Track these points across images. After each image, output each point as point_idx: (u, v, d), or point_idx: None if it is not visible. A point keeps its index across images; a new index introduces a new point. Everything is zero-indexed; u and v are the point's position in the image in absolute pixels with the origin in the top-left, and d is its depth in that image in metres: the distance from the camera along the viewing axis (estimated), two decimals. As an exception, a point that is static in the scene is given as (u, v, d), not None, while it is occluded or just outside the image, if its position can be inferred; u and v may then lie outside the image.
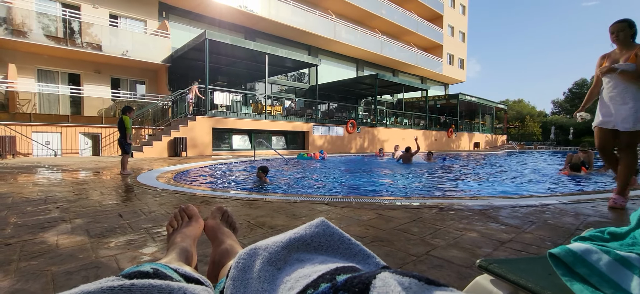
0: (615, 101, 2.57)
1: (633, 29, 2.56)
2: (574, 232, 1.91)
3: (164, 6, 13.69)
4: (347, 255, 0.45)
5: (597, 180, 5.54)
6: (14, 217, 2.23)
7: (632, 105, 2.49)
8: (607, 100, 2.63)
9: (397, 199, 3.06)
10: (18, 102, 10.24)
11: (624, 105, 2.51)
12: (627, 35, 2.56)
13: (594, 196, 3.18)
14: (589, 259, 0.62)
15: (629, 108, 2.49)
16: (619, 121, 2.54)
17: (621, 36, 2.56)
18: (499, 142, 26.95)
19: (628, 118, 2.49)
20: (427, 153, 9.91)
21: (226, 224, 0.99)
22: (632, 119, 2.47)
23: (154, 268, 0.47)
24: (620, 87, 2.54)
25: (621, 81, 2.52)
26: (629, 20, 2.57)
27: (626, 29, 2.56)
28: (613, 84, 2.58)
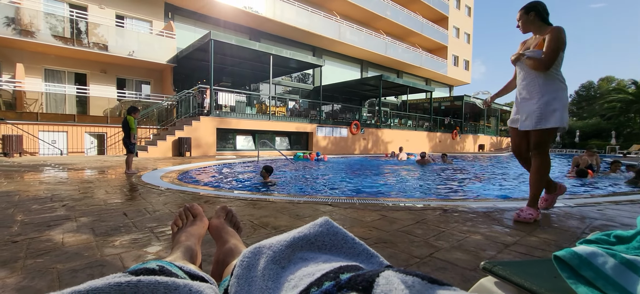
0: (522, 95, 2.28)
1: (531, 14, 2.24)
2: (580, 235, 1.89)
3: (169, 7, 13.80)
4: (350, 254, 0.45)
5: (605, 183, 5.48)
6: (20, 215, 2.25)
7: (536, 100, 2.19)
8: (517, 94, 2.34)
9: (400, 200, 3.05)
10: (25, 101, 10.38)
11: (529, 100, 2.23)
12: (527, 21, 2.26)
13: (600, 199, 3.14)
14: (594, 262, 0.61)
15: (533, 104, 2.20)
16: (523, 118, 2.25)
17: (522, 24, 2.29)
18: (504, 144, 26.76)
19: (531, 115, 2.19)
20: (441, 155, 10.04)
21: (230, 223, 1.00)
22: (535, 116, 2.17)
23: (160, 265, 0.47)
24: (528, 79, 2.25)
25: (529, 72, 2.23)
26: (527, 5, 2.26)
27: (523, 16, 2.27)
28: (522, 75, 2.29)
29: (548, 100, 2.15)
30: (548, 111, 2.14)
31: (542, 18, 2.24)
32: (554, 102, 2.14)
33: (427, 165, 8.91)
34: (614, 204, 2.87)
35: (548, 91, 2.16)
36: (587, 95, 45.48)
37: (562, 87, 2.17)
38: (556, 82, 2.17)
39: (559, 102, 2.15)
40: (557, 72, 2.18)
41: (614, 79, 42.67)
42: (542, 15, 2.23)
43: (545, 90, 2.17)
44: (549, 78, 2.17)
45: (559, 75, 2.19)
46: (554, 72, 2.17)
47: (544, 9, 2.24)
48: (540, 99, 2.17)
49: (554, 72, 2.17)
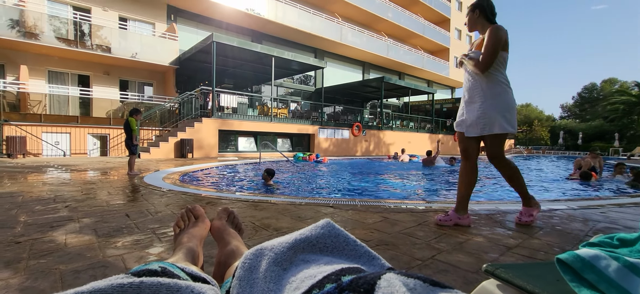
0: (466, 98, 2.17)
1: (476, 12, 2.14)
2: (583, 238, 1.88)
3: (172, 9, 13.87)
4: (352, 256, 0.45)
5: (608, 186, 5.44)
6: (24, 216, 2.27)
7: (479, 104, 2.08)
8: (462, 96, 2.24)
9: (402, 202, 3.04)
10: (29, 102, 10.45)
11: (473, 104, 2.12)
12: (472, 19, 2.16)
13: (603, 202, 3.12)
14: (597, 265, 0.61)
15: (476, 109, 2.09)
16: (467, 124, 2.14)
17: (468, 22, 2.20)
18: (506, 146, 26.64)
19: (476, 121, 2.09)
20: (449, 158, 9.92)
21: (232, 225, 1.00)
22: (480, 123, 2.07)
23: (162, 267, 0.48)
24: (471, 82, 2.14)
25: (472, 75, 2.13)
26: (474, 2, 2.16)
27: (469, 14, 2.18)
28: (466, 77, 2.19)
29: (490, 104, 2.05)
30: (491, 116, 2.04)
31: (486, 16, 2.13)
32: (496, 107, 2.03)
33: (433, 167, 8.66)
34: (618, 206, 2.85)
35: (490, 95, 2.06)
36: (589, 97, 45.30)
37: (504, 90, 2.06)
38: (498, 85, 2.05)
39: (501, 106, 2.03)
40: (499, 74, 2.07)
41: (617, 81, 42.48)
42: (486, 14, 2.13)
43: (487, 93, 2.06)
44: (490, 81, 2.06)
45: (501, 77, 2.07)
46: (496, 74, 2.06)
47: (490, 7, 2.14)
48: (483, 104, 2.07)
49: (496, 74, 2.06)
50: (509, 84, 2.09)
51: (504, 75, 2.09)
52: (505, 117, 2.04)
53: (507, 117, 2.04)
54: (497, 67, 2.06)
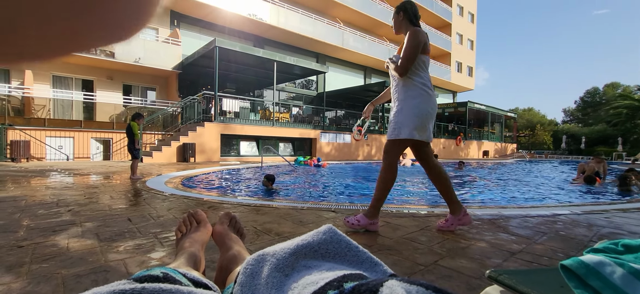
0: (391, 102, 2.17)
1: (400, 14, 2.12)
2: (587, 244, 1.86)
3: (175, 15, 14.01)
4: (354, 262, 0.45)
5: (612, 190, 5.40)
6: (26, 220, 2.28)
7: (396, 108, 2.07)
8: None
9: (404, 207, 3.03)
10: (33, 107, 10.54)
11: (393, 107, 2.11)
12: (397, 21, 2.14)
13: (607, 207, 3.10)
14: (602, 271, 0.60)
15: (393, 112, 2.09)
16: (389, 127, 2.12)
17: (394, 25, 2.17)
18: (509, 151, 26.56)
19: (391, 123, 2.07)
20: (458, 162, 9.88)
21: (234, 230, 1.00)
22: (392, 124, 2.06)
23: (164, 272, 0.48)
24: (394, 85, 2.13)
25: (394, 78, 2.12)
26: (398, 5, 2.14)
27: (394, 16, 2.16)
28: (391, 81, 2.18)
29: (403, 108, 2.04)
30: (401, 121, 2.02)
31: (410, 19, 2.11)
32: (408, 111, 2.01)
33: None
34: (622, 212, 2.82)
35: (406, 98, 2.04)
36: (592, 101, 45.14)
37: (420, 95, 2.01)
38: (414, 89, 2.03)
39: (412, 111, 2.00)
40: (417, 78, 2.04)
41: (620, 85, 42.34)
42: (409, 16, 2.10)
43: (404, 96, 2.05)
44: (407, 85, 2.05)
45: (418, 81, 2.03)
46: (414, 78, 2.04)
47: (413, 10, 2.12)
48: (398, 107, 2.06)
49: (414, 78, 2.04)
50: (427, 88, 2.05)
51: (423, 79, 2.05)
52: (414, 123, 2.00)
53: (416, 123, 2.00)
54: (415, 71, 2.04)
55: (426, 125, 2.03)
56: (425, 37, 2.03)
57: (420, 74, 2.04)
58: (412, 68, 2.03)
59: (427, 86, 2.05)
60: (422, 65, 2.05)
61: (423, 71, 2.05)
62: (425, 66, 2.06)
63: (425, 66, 2.07)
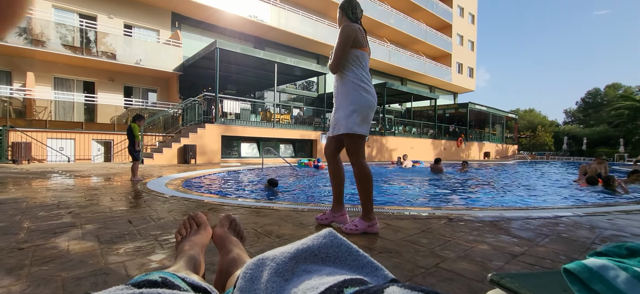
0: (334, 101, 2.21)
1: (340, 12, 2.16)
2: (590, 246, 1.85)
3: (176, 16, 14.05)
4: (354, 267, 0.45)
5: (615, 192, 5.37)
6: (27, 222, 2.27)
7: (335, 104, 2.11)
8: None
9: (405, 209, 3.02)
10: (35, 109, 10.57)
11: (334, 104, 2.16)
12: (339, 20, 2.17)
13: (610, 208, 3.08)
14: (606, 275, 0.60)
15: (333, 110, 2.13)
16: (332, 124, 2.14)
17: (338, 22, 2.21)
18: (510, 152, 26.51)
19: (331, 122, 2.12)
20: (462, 163, 9.77)
21: (234, 232, 0.99)
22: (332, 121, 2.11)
23: (163, 277, 0.47)
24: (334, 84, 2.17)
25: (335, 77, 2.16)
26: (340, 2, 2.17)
27: (338, 13, 2.19)
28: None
29: (340, 104, 2.07)
30: (338, 117, 2.05)
31: (348, 16, 2.14)
32: (344, 107, 2.04)
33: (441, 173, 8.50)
34: (625, 214, 2.81)
35: (340, 94, 2.07)
36: (593, 102, 45.06)
37: (354, 90, 2.02)
38: (348, 84, 2.04)
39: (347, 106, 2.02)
40: (350, 73, 2.05)
41: (621, 86, 42.26)
42: (347, 13, 2.14)
43: (339, 91, 2.08)
44: (342, 81, 2.07)
45: (352, 76, 2.04)
46: (347, 74, 2.05)
47: (351, 7, 2.15)
48: (336, 105, 2.10)
49: (347, 74, 2.05)
50: (362, 83, 2.04)
51: (357, 74, 2.05)
52: (351, 118, 2.00)
53: (353, 118, 2.00)
54: (349, 67, 2.05)
55: (367, 119, 2.04)
56: (355, 33, 2.03)
57: (353, 70, 2.05)
58: (345, 65, 2.05)
59: (363, 81, 2.05)
60: (355, 61, 2.05)
61: (357, 67, 2.06)
62: (359, 61, 2.06)
63: (360, 61, 2.07)
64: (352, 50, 2.04)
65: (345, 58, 2.04)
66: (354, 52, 2.04)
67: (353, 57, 2.05)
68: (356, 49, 2.04)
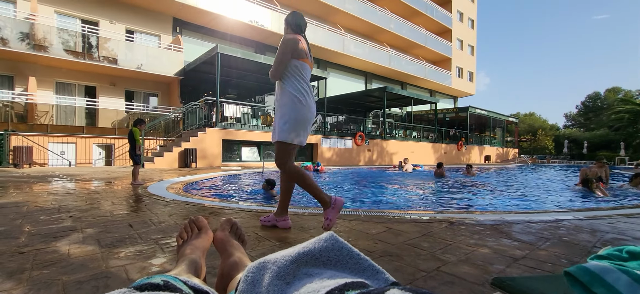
0: None
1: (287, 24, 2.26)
2: (591, 250, 1.85)
3: (177, 22, 14.14)
4: (356, 270, 0.45)
5: (615, 195, 5.36)
6: (28, 226, 2.28)
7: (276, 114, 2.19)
8: None
9: (406, 212, 3.02)
10: (36, 113, 10.61)
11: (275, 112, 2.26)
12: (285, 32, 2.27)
13: (611, 212, 3.07)
14: (606, 278, 0.60)
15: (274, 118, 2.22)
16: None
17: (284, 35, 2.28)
18: (511, 156, 26.48)
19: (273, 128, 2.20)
20: (465, 167, 9.72)
21: (235, 236, 0.99)
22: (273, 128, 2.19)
23: (164, 280, 0.47)
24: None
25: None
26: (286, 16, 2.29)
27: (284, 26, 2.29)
28: None
29: (278, 112, 2.16)
30: (278, 124, 2.13)
31: (292, 29, 2.24)
32: (281, 115, 2.12)
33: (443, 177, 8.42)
34: (626, 217, 2.80)
35: (280, 104, 2.15)
36: (593, 106, 45.07)
37: (291, 100, 2.11)
38: (286, 95, 2.13)
39: (283, 115, 2.11)
40: (288, 84, 2.13)
41: (621, 90, 42.30)
42: (291, 26, 2.24)
43: (279, 103, 2.16)
44: (282, 91, 2.15)
45: (290, 86, 2.13)
46: (285, 83, 2.14)
47: (295, 20, 2.25)
48: (276, 113, 2.19)
49: (285, 83, 2.14)
50: (299, 95, 2.12)
51: (296, 86, 2.13)
52: (285, 126, 2.09)
53: (286, 127, 2.09)
54: (288, 78, 2.14)
55: (298, 130, 2.12)
56: (295, 43, 2.11)
57: (292, 82, 2.13)
58: (285, 75, 2.14)
59: (300, 92, 2.12)
60: (294, 71, 2.13)
61: (296, 78, 2.14)
62: (299, 72, 2.14)
63: (300, 72, 2.14)
64: (292, 60, 2.12)
65: (284, 68, 2.12)
66: (294, 62, 2.12)
67: (293, 67, 2.13)
68: (296, 59, 2.13)
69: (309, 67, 2.20)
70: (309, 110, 2.15)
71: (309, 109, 2.15)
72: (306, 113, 2.13)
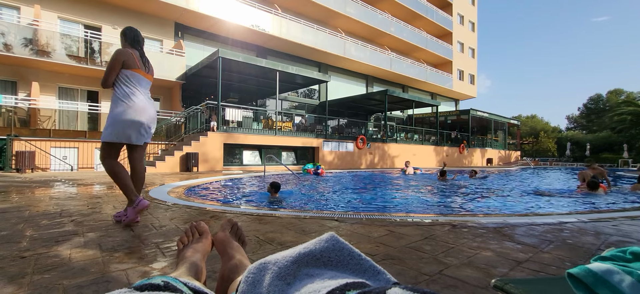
0: None
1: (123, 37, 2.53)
2: (595, 252, 1.83)
3: (179, 26, 14.23)
4: (356, 271, 0.44)
5: (617, 197, 5.33)
6: (30, 230, 2.28)
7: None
8: None
9: (408, 215, 3.00)
10: (39, 118, 10.67)
11: None
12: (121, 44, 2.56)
13: (615, 214, 3.05)
14: (610, 279, 0.59)
15: None
16: None
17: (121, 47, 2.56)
18: (513, 158, 26.39)
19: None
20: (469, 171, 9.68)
21: (235, 237, 0.99)
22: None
23: (165, 281, 0.47)
24: None
25: None
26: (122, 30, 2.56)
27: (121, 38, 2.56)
28: None
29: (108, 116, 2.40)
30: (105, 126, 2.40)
31: (129, 42, 2.52)
32: (108, 118, 2.39)
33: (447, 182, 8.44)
34: (630, 219, 2.78)
35: (111, 107, 2.40)
36: (595, 108, 44.93)
37: (117, 105, 2.35)
38: (114, 101, 2.38)
39: (109, 118, 2.37)
40: (118, 90, 2.38)
41: (623, 92, 42.15)
42: (128, 40, 2.52)
43: (110, 107, 2.41)
44: (112, 96, 2.42)
45: (119, 93, 2.37)
46: (115, 90, 2.39)
47: (131, 35, 2.53)
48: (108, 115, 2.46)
49: (115, 90, 2.39)
50: (125, 98, 2.37)
51: (122, 90, 2.39)
52: (107, 129, 2.37)
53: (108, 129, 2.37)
54: (118, 84, 2.39)
55: (118, 129, 2.37)
56: (123, 56, 2.39)
57: (121, 87, 2.39)
58: (115, 83, 2.40)
59: (125, 96, 2.38)
60: (124, 79, 2.40)
61: (125, 84, 2.40)
62: (128, 80, 2.41)
63: (129, 80, 2.41)
64: (122, 70, 2.39)
65: (114, 77, 2.38)
66: (123, 71, 2.39)
67: (123, 76, 2.40)
68: (126, 69, 2.40)
69: (140, 75, 2.47)
70: (135, 110, 2.38)
71: (135, 109, 2.38)
72: (129, 113, 2.36)
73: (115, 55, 2.36)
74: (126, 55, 2.39)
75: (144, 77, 2.50)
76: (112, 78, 2.37)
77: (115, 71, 2.36)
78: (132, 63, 2.41)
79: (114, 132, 2.36)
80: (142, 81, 2.48)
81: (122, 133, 2.38)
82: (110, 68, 2.35)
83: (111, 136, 2.37)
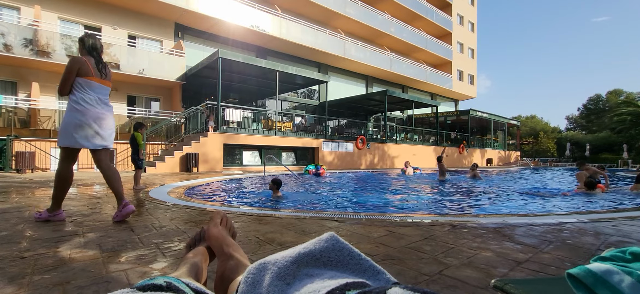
0: None
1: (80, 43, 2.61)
2: (595, 252, 1.83)
3: (179, 27, 14.23)
4: (356, 271, 0.45)
5: (615, 198, 5.33)
6: (30, 231, 2.28)
7: None
8: None
9: (408, 216, 3.00)
10: (39, 118, 10.66)
11: None
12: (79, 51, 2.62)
13: (615, 214, 3.05)
14: (610, 280, 0.59)
15: None
16: None
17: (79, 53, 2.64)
18: (512, 158, 26.39)
19: None
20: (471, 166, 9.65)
21: (226, 228, 0.98)
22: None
23: (167, 282, 0.47)
24: None
25: None
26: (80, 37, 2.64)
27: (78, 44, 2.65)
28: None
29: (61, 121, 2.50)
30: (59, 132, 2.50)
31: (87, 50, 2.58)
32: (61, 124, 2.48)
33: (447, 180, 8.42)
34: (630, 220, 2.78)
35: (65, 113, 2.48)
36: (595, 109, 44.95)
37: (71, 111, 2.45)
38: (69, 105, 2.47)
39: (63, 122, 2.47)
40: (73, 96, 2.46)
41: (623, 92, 42.16)
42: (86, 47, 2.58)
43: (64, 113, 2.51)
44: (67, 103, 2.51)
45: (73, 99, 2.46)
46: (70, 97, 2.47)
47: (88, 42, 2.59)
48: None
49: (70, 97, 2.47)
50: (77, 104, 2.45)
51: (77, 95, 2.47)
52: (61, 134, 2.47)
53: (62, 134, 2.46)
54: (73, 91, 2.47)
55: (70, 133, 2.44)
56: (77, 65, 2.46)
57: (75, 93, 2.47)
58: (71, 89, 2.48)
59: (80, 103, 2.46)
60: (79, 86, 2.48)
61: (80, 91, 2.48)
62: (82, 87, 2.48)
63: (83, 87, 2.49)
64: (77, 78, 2.46)
65: (69, 85, 2.45)
66: (78, 79, 2.47)
67: (77, 84, 2.47)
68: (80, 77, 2.47)
69: (95, 82, 2.54)
70: (87, 116, 2.46)
71: (87, 115, 2.46)
72: (80, 118, 2.44)
73: (70, 64, 2.43)
74: (80, 63, 2.47)
75: (99, 83, 2.57)
76: (68, 86, 2.45)
77: (70, 79, 2.43)
78: (86, 71, 2.48)
79: (64, 137, 2.44)
80: (96, 88, 2.55)
81: (72, 138, 2.44)
82: (65, 77, 2.42)
83: (62, 141, 2.46)
